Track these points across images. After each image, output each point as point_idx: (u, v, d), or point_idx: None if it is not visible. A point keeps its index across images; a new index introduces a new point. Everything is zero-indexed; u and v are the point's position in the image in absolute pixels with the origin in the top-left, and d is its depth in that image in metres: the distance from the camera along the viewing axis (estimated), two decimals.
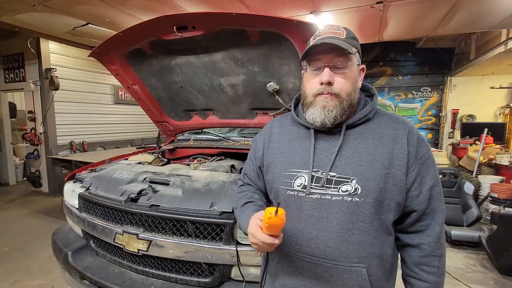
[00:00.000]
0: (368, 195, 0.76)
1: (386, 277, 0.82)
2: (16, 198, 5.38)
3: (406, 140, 0.80)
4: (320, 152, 0.84)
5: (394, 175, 0.78)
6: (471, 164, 4.70)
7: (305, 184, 0.82)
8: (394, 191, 0.78)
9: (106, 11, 3.52)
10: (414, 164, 0.79)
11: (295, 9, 3.43)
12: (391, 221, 0.81)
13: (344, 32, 0.82)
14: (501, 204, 3.37)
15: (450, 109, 6.65)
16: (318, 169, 0.82)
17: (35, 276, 2.67)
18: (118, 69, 2.15)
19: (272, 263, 0.92)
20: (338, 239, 0.78)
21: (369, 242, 0.78)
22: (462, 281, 2.58)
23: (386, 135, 0.82)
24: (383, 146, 0.80)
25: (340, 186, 0.78)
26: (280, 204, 0.87)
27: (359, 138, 0.83)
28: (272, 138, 0.97)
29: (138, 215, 1.45)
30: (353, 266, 0.77)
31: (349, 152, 0.81)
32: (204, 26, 1.63)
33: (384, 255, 0.80)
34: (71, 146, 5.72)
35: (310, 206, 0.81)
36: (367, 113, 0.85)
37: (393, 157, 0.79)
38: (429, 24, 3.94)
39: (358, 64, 0.84)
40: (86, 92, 6.10)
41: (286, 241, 0.85)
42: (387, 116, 0.87)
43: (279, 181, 0.88)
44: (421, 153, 0.81)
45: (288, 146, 0.91)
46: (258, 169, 0.99)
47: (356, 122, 0.84)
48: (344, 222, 0.78)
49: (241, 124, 2.36)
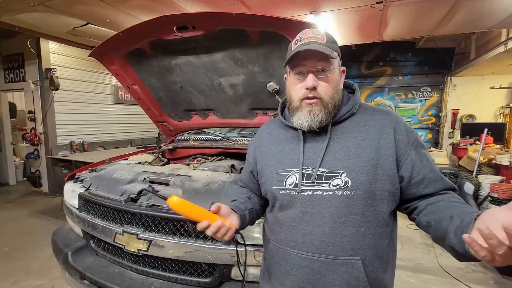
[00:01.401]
0: (358, 187, 0.78)
1: (383, 269, 0.83)
2: (16, 198, 5.38)
3: (393, 129, 0.83)
4: (309, 150, 0.86)
5: (382, 164, 0.79)
6: (471, 164, 4.70)
7: (296, 182, 0.84)
8: (384, 180, 0.79)
9: (106, 11, 3.52)
10: (408, 150, 0.81)
11: (295, 9, 3.43)
12: (387, 212, 0.82)
13: (325, 37, 0.84)
14: (501, 204, 3.36)
15: (450, 109, 6.66)
16: (308, 166, 0.84)
17: (35, 276, 2.67)
18: (118, 69, 2.15)
19: (270, 262, 0.93)
20: (332, 233, 0.79)
21: (362, 234, 0.79)
22: (462, 281, 2.58)
23: (372, 126, 0.84)
24: (369, 138, 0.82)
25: (331, 180, 0.80)
26: (276, 205, 0.90)
27: (345, 133, 0.85)
28: (262, 142, 1.00)
29: (138, 215, 1.45)
30: (348, 259, 0.79)
31: (337, 147, 0.83)
32: (204, 26, 1.63)
33: (379, 246, 0.81)
34: (71, 146, 5.72)
35: (303, 203, 0.83)
36: (350, 108, 0.88)
37: (380, 147, 0.81)
38: (429, 24, 3.94)
39: (339, 67, 0.87)
40: (86, 92, 6.09)
41: (282, 240, 0.87)
42: (371, 109, 0.90)
43: (272, 182, 0.90)
44: (411, 139, 0.83)
45: (278, 148, 0.93)
46: (250, 173, 1.03)
47: (341, 118, 0.87)
48: (337, 215, 0.79)
49: (241, 124, 2.36)
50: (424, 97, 6.93)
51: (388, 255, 0.84)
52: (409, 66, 6.91)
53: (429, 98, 6.89)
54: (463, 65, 5.79)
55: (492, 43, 4.65)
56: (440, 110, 6.82)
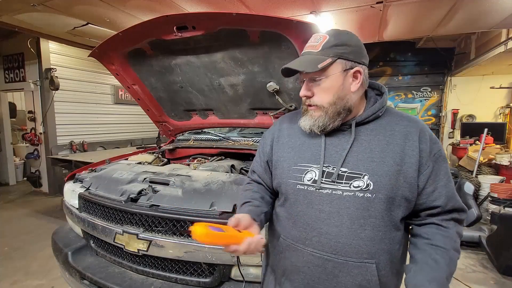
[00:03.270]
0: (380, 191, 0.77)
1: (394, 273, 0.83)
2: (16, 198, 5.37)
3: (418, 138, 0.81)
4: (330, 147, 0.85)
5: (405, 172, 0.79)
6: (471, 164, 4.70)
7: (315, 179, 0.83)
8: (405, 187, 0.79)
9: (106, 11, 3.52)
10: (428, 162, 0.80)
11: (295, 9, 3.42)
12: (400, 217, 0.82)
13: (322, 43, 0.81)
14: (501, 204, 3.37)
15: (450, 109, 6.66)
16: (329, 164, 0.83)
17: (35, 276, 2.67)
18: (118, 69, 2.15)
19: (278, 258, 0.92)
20: (349, 235, 0.79)
21: (380, 238, 0.79)
22: (462, 281, 2.58)
23: (397, 132, 0.82)
24: (394, 143, 0.81)
25: (352, 181, 0.79)
26: (290, 199, 0.89)
27: (370, 135, 0.84)
28: (281, 133, 0.98)
29: (138, 215, 1.45)
30: (363, 262, 0.78)
31: (361, 148, 0.82)
32: (204, 26, 1.63)
33: (392, 251, 0.81)
34: (71, 146, 5.72)
35: (320, 201, 0.82)
36: (376, 111, 0.85)
37: (405, 154, 0.79)
38: (429, 24, 3.94)
39: (341, 71, 0.80)
40: (86, 92, 6.09)
41: (294, 236, 0.86)
42: (398, 114, 0.88)
43: (288, 175, 0.89)
44: (434, 150, 0.81)
45: (298, 141, 0.92)
46: (266, 163, 1.00)
47: (366, 119, 0.85)
48: (356, 217, 0.78)
49: (241, 124, 2.36)
50: (424, 97, 6.93)
51: (399, 259, 0.85)
52: (409, 66, 6.91)
53: (429, 98, 6.89)
54: (463, 65, 5.78)
55: (492, 43, 4.65)
56: (440, 110, 6.82)
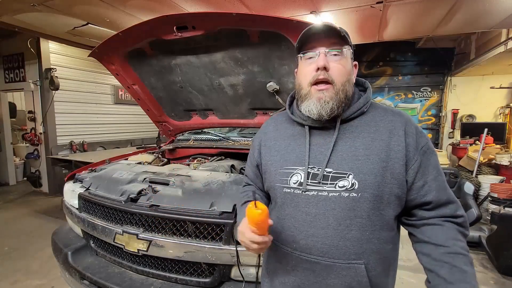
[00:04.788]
0: (365, 190, 0.75)
1: (385, 274, 0.82)
2: (16, 198, 5.37)
3: (404, 132, 0.79)
4: (315, 148, 0.83)
5: (392, 168, 0.77)
6: (471, 164, 4.70)
7: (301, 181, 0.82)
8: (393, 184, 0.77)
9: (106, 11, 3.52)
10: (416, 155, 0.78)
11: (295, 9, 3.43)
12: (392, 216, 0.80)
13: (338, 27, 0.83)
14: (501, 204, 3.37)
15: (450, 109, 6.66)
16: (314, 165, 0.81)
17: (35, 276, 2.67)
18: (118, 69, 2.15)
19: (270, 261, 0.92)
20: (335, 236, 0.77)
21: (366, 238, 0.77)
22: None
23: (382, 127, 0.81)
24: (379, 139, 0.79)
25: (337, 182, 0.77)
26: (278, 202, 0.87)
27: (354, 132, 0.82)
28: (267, 137, 0.97)
29: (138, 215, 1.44)
30: (351, 263, 0.77)
31: (345, 147, 0.80)
32: (204, 26, 1.63)
33: (382, 251, 0.79)
34: (71, 146, 5.72)
35: (306, 203, 0.80)
36: (361, 106, 0.84)
37: (390, 150, 0.78)
38: (429, 24, 3.94)
39: (352, 58, 0.85)
40: (86, 92, 6.09)
41: (283, 239, 0.85)
42: (382, 109, 0.85)
43: (276, 179, 0.88)
44: (421, 144, 0.79)
45: (283, 143, 0.91)
46: (256, 168, 1.00)
47: (351, 115, 0.83)
48: (342, 218, 0.77)
49: (241, 124, 2.36)
50: (424, 97, 6.93)
51: (391, 259, 0.83)
52: (409, 66, 6.91)
53: (429, 98, 6.89)
54: (463, 65, 5.78)
55: (492, 43, 4.65)
56: (440, 110, 6.82)
